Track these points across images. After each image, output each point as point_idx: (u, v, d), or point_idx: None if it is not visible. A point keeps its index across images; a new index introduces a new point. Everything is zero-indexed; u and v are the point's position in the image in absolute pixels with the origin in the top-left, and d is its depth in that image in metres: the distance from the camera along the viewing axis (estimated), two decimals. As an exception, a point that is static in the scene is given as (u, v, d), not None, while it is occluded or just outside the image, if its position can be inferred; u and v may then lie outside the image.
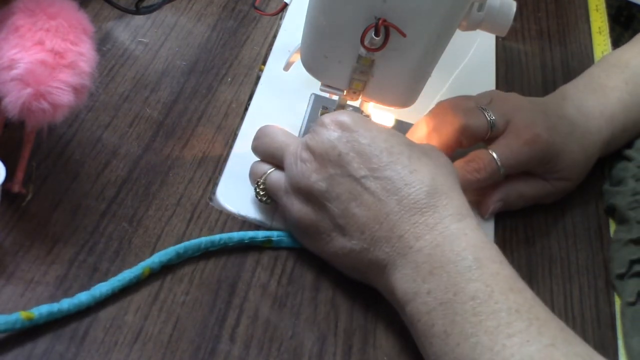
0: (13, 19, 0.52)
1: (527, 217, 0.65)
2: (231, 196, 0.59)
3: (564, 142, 0.63)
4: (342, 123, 0.53)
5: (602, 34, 0.87)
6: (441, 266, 0.49)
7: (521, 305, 0.47)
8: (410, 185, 0.51)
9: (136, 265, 0.52)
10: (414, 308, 0.50)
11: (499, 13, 0.60)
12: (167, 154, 0.61)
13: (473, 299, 0.47)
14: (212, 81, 0.68)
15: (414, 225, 0.51)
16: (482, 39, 0.78)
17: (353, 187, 0.52)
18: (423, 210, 0.51)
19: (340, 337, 0.53)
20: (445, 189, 0.52)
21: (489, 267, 0.49)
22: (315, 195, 0.53)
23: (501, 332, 0.46)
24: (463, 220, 0.51)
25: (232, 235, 0.55)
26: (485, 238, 0.51)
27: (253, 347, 0.51)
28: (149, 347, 0.49)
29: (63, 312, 0.48)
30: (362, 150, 0.52)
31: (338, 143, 0.53)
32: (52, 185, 0.56)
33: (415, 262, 0.50)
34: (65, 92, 0.50)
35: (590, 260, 0.63)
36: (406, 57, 0.55)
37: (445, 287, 0.48)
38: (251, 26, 0.75)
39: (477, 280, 0.48)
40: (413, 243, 0.50)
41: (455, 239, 0.50)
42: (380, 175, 0.52)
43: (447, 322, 0.47)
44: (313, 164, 0.53)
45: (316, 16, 0.55)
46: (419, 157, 0.53)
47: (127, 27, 0.70)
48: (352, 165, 0.52)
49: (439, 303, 0.48)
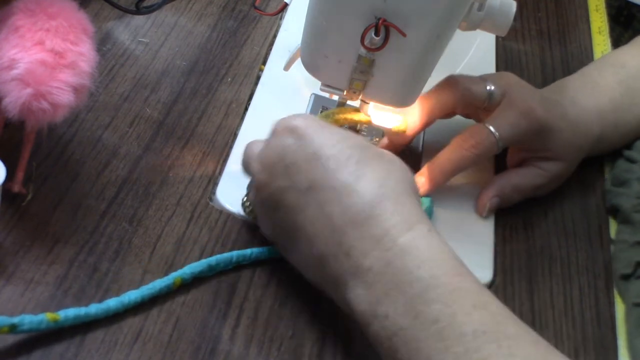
0: (13, 19, 0.52)
1: (527, 217, 0.65)
2: (231, 196, 0.59)
3: (556, 121, 0.63)
4: (293, 128, 0.50)
5: (602, 34, 0.87)
6: (395, 287, 0.45)
7: (487, 324, 0.43)
8: (354, 193, 0.47)
9: (168, 275, 0.52)
10: (374, 332, 0.46)
11: (499, 13, 0.60)
12: (167, 154, 0.61)
13: (435, 322, 0.43)
14: (212, 81, 0.68)
15: (360, 240, 0.47)
16: (482, 39, 0.78)
17: (299, 200, 0.49)
18: (367, 221, 0.47)
19: (340, 338, 0.53)
20: (394, 195, 0.48)
21: (448, 284, 0.45)
22: (268, 207, 0.52)
23: (470, 357, 0.42)
24: (413, 229, 0.47)
25: (263, 249, 0.55)
26: (440, 246, 0.47)
27: (253, 347, 0.51)
28: (149, 347, 0.49)
29: (90, 317, 0.48)
30: (308, 159, 0.49)
31: (285, 152, 0.50)
32: (52, 185, 0.56)
33: (366, 282, 0.46)
34: (65, 92, 0.50)
35: (590, 260, 0.63)
36: (406, 57, 0.55)
37: (404, 311, 0.44)
38: (251, 26, 0.75)
39: (436, 302, 0.44)
40: (361, 261, 0.46)
41: (407, 255, 0.45)
42: (325, 185, 0.48)
43: (410, 349, 0.44)
44: (262, 177, 0.51)
45: (316, 16, 0.55)
46: (369, 161, 0.49)
47: (127, 27, 0.70)
48: (298, 176, 0.49)
49: (399, 328, 0.44)
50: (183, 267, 0.52)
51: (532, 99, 0.62)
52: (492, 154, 0.61)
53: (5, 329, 0.45)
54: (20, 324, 0.46)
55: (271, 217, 0.52)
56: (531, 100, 0.62)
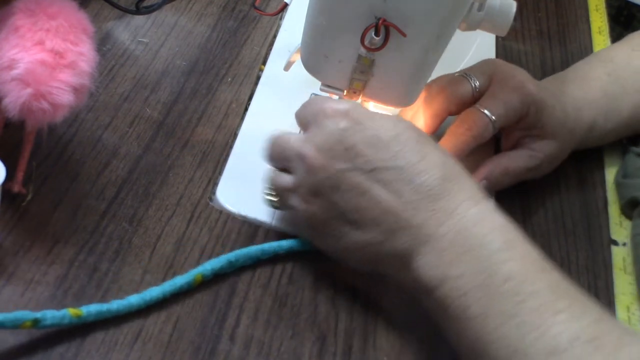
0: (13, 19, 0.52)
1: (526, 217, 0.65)
2: (231, 196, 0.59)
3: (548, 98, 0.63)
4: (345, 112, 0.52)
5: (602, 34, 0.87)
6: (468, 250, 0.48)
7: (557, 285, 0.47)
8: (424, 172, 0.50)
9: (188, 272, 0.52)
10: (442, 293, 0.49)
11: (499, 13, 0.60)
12: (167, 154, 0.61)
13: (509, 279, 0.46)
14: (212, 81, 0.68)
15: (433, 212, 0.50)
16: (482, 39, 0.78)
17: (364, 180, 0.51)
18: (439, 196, 0.50)
19: (340, 337, 0.53)
20: (456, 174, 0.51)
21: (519, 248, 0.48)
22: (324, 192, 0.52)
23: (545, 310, 0.45)
24: (480, 204, 0.50)
25: (282, 243, 0.56)
26: (505, 219, 0.50)
27: (253, 347, 0.51)
28: (149, 347, 0.49)
29: (112, 313, 0.49)
30: (370, 142, 0.51)
31: (344, 136, 0.51)
32: (52, 185, 0.56)
33: (438, 248, 0.49)
34: (65, 92, 0.50)
35: (590, 260, 0.63)
36: (406, 57, 0.55)
37: (477, 270, 0.47)
38: (251, 26, 0.75)
39: (509, 261, 0.47)
40: (434, 230, 0.49)
41: (478, 222, 0.49)
42: (392, 165, 0.51)
43: (484, 303, 0.47)
44: (319, 161, 0.52)
45: (316, 16, 0.55)
46: (425, 143, 0.52)
47: (127, 27, 0.70)
48: (360, 158, 0.51)
49: (473, 286, 0.47)
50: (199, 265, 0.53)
51: (523, 75, 0.63)
52: (488, 134, 0.62)
53: (28, 323, 0.46)
54: (42, 319, 0.46)
55: (325, 202, 0.53)
56: (522, 75, 0.63)
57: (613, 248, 0.65)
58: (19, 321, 0.45)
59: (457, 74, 0.64)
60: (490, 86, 0.63)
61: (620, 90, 0.68)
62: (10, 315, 0.45)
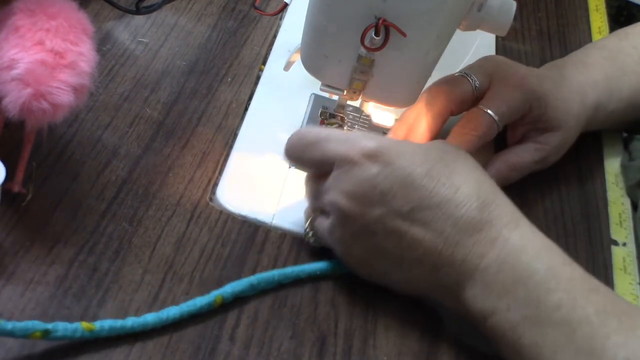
0: (13, 19, 0.52)
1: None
2: (231, 196, 0.59)
3: (550, 90, 0.64)
4: (373, 154, 0.50)
5: (602, 34, 0.87)
6: (516, 282, 0.48)
7: (605, 304, 0.47)
8: (461, 204, 0.50)
9: (208, 294, 0.51)
10: (494, 323, 0.49)
11: (499, 13, 0.60)
12: (167, 154, 0.61)
13: (558, 308, 0.47)
14: (212, 81, 0.68)
15: (475, 245, 0.50)
16: (482, 39, 0.78)
17: (402, 223, 0.50)
18: (480, 227, 0.50)
19: (340, 337, 0.53)
20: (492, 196, 0.51)
21: (563, 273, 0.48)
22: (363, 237, 0.52)
23: (597, 335, 0.46)
24: (519, 226, 0.50)
25: (304, 267, 0.55)
26: (545, 239, 0.50)
27: (253, 347, 0.51)
28: (149, 347, 0.49)
29: (126, 330, 0.48)
30: (404, 182, 0.50)
31: (377, 181, 0.50)
32: (52, 185, 0.56)
33: (485, 281, 0.49)
34: (65, 92, 0.50)
35: (590, 260, 0.63)
36: (406, 57, 0.55)
37: (526, 302, 0.48)
38: (251, 26, 0.75)
39: (556, 290, 0.48)
40: (478, 262, 0.49)
41: (521, 251, 0.49)
42: (429, 204, 0.50)
43: (536, 333, 0.47)
44: (354, 210, 0.51)
45: (316, 16, 0.55)
46: (458, 171, 0.51)
47: (127, 27, 0.70)
48: (396, 201, 0.50)
49: (523, 317, 0.48)
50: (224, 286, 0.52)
51: (522, 70, 0.64)
52: (493, 133, 0.62)
53: (38, 334, 0.45)
54: (54, 330, 0.45)
55: (365, 247, 0.52)
56: (521, 69, 0.64)
57: (613, 248, 0.65)
58: (29, 331, 0.44)
59: (457, 74, 0.64)
60: (492, 85, 0.63)
61: (619, 72, 0.69)
62: (20, 324, 0.44)
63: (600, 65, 0.69)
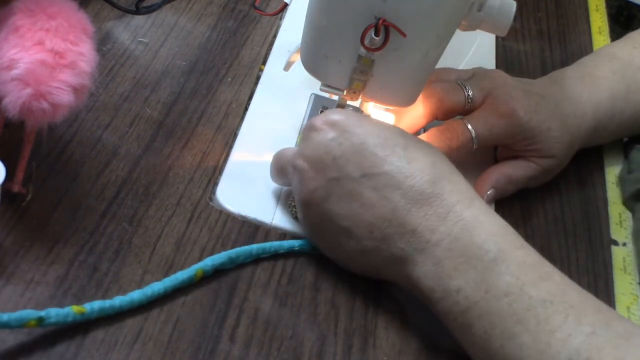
0: (13, 19, 0.52)
1: (527, 217, 0.65)
2: (231, 196, 0.59)
3: (543, 121, 0.63)
4: (334, 123, 0.53)
5: (602, 34, 0.87)
6: (466, 261, 0.48)
7: (554, 294, 0.47)
8: (412, 176, 0.50)
9: (189, 267, 0.52)
10: (445, 307, 0.49)
11: (499, 13, 0.60)
12: (167, 154, 0.61)
13: (507, 295, 0.47)
14: (212, 81, 0.68)
15: (425, 218, 0.50)
16: (482, 39, 0.78)
17: (353, 188, 0.51)
18: (430, 201, 0.50)
19: (340, 337, 0.53)
20: (447, 174, 0.51)
21: (514, 256, 0.48)
22: (317, 202, 0.53)
23: (542, 329, 0.45)
24: (473, 205, 0.50)
25: (283, 243, 0.56)
26: (499, 220, 0.50)
27: (253, 347, 0.51)
28: (149, 347, 0.49)
29: (115, 309, 0.49)
30: (357, 149, 0.52)
31: (331, 146, 0.52)
32: (52, 185, 0.56)
33: (436, 257, 0.49)
34: (65, 92, 0.50)
35: (590, 261, 0.63)
36: (406, 57, 0.55)
37: (475, 284, 0.48)
38: (251, 26, 0.75)
39: (505, 274, 0.47)
40: (429, 237, 0.50)
41: (473, 229, 0.49)
42: (379, 171, 0.51)
43: (485, 322, 0.47)
44: (310, 172, 0.53)
45: (316, 16, 0.55)
46: (415, 146, 0.52)
47: (127, 27, 0.70)
48: (348, 166, 0.52)
49: (473, 302, 0.48)
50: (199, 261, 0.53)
51: (517, 100, 0.62)
52: (468, 150, 0.62)
53: (33, 322, 0.46)
54: (47, 317, 0.46)
55: (319, 212, 0.53)
56: (515, 101, 0.62)
57: (613, 248, 0.65)
58: (23, 320, 0.45)
59: (457, 82, 0.64)
60: (483, 104, 0.62)
61: (625, 89, 0.68)
62: (14, 314, 0.45)
63: (607, 81, 0.67)
